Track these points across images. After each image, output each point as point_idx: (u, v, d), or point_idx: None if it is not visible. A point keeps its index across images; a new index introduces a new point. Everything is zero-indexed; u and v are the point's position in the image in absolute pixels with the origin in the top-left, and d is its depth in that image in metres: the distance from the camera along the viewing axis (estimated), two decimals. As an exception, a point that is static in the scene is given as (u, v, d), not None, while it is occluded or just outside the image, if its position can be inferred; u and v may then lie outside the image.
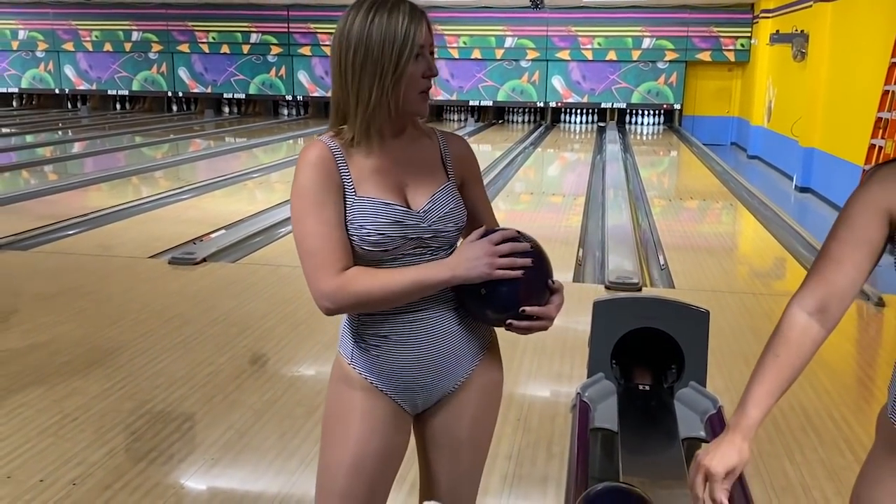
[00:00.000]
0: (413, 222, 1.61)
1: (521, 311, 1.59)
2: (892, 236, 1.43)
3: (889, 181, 1.43)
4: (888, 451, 1.47)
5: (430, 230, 1.63)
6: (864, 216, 1.44)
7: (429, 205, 1.64)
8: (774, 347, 1.46)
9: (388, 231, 1.59)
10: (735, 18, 16.11)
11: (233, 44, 18.62)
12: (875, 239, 1.43)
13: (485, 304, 1.62)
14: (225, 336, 4.39)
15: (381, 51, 1.55)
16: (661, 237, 7.10)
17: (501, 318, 1.63)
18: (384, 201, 1.60)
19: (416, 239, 1.62)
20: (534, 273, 1.61)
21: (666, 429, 2.43)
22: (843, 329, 4.73)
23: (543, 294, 1.63)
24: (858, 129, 8.13)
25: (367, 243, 1.59)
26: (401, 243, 1.60)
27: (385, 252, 1.60)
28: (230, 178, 10.20)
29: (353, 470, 1.67)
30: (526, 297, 1.60)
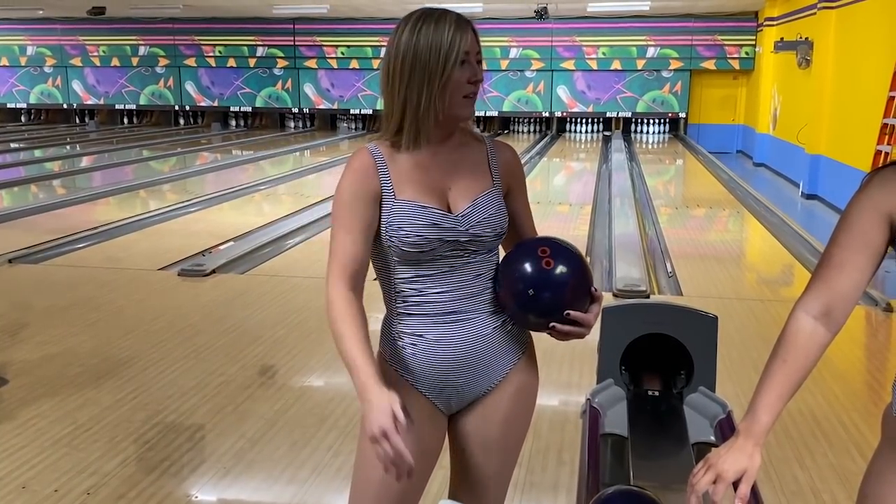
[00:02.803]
0: (450, 225, 1.66)
1: (565, 314, 1.65)
2: (894, 239, 1.44)
3: (888, 184, 1.45)
4: (892, 449, 1.48)
5: (467, 234, 1.67)
6: (865, 220, 1.46)
7: (469, 209, 1.69)
8: (781, 353, 1.48)
9: (424, 233, 1.64)
10: (739, 26, 16.14)
11: (239, 57, 18.73)
12: (876, 242, 1.45)
13: (529, 306, 1.67)
14: (235, 346, 4.42)
15: (428, 57, 1.63)
16: (668, 245, 7.11)
17: (544, 322, 1.68)
18: (422, 204, 1.66)
19: (452, 242, 1.67)
20: (579, 278, 1.68)
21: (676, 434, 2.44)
22: (851, 335, 4.75)
23: (586, 300, 1.69)
24: (864, 136, 8.14)
25: (404, 244, 1.65)
26: (437, 245, 1.66)
27: (422, 253, 1.66)
28: (238, 191, 10.25)
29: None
30: (571, 300, 1.67)
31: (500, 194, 1.75)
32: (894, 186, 1.43)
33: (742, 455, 1.42)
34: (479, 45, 1.70)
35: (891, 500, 1.46)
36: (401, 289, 1.71)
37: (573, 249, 1.73)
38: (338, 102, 18.51)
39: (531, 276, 1.68)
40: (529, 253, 1.71)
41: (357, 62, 17.95)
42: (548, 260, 1.67)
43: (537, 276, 1.67)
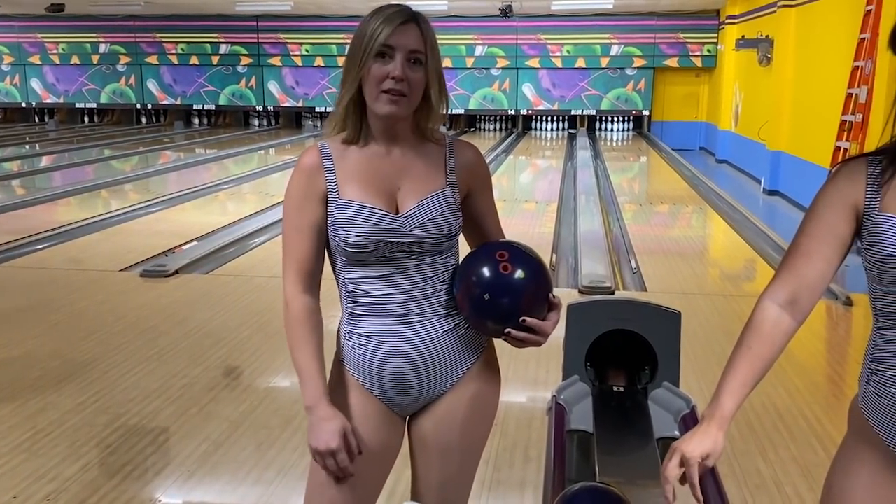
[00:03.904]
0: (392, 226, 1.63)
1: (521, 320, 1.62)
2: (860, 230, 1.46)
3: (855, 176, 1.47)
4: (859, 441, 1.50)
5: (410, 235, 1.64)
6: (832, 211, 1.47)
7: (414, 209, 1.65)
8: (747, 339, 1.49)
9: (364, 233, 1.62)
10: (701, 25, 16.32)
11: (202, 55, 18.52)
12: (843, 233, 1.47)
13: (484, 310, 1.65)
14: (199, 348, 4.36)
15: (354, 47, 1.62)
16: (632, 241, 7.17)
17: (500, 328, 1.65)
18: (363, 204, 1.63)
19: (396, 243, 1.64)
20: (536, 285, 1.65)
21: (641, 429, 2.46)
22: (812, 328, 4.82)
23: (543, 307, 1.66)
24: (824, 132, 8.27)
25: (347, 245, 1.63)
26: (379, 246, 1.63)
27: (366, 254, 1.63)
28: (201, 190, 10.15)
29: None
30: (527, 307, 1.63)
31: (454, 195, 1.71)
32: (861, 178, 1.46)
33: (706, 438, 1.43)
34: (424, 44, 1.62)
35: (856, 492, 1.48)
36: (350, 289, 1.69)
37: (533, 255, 1.69)
38: (303, 100, 18.40)
39: (487, 281, 1.65)
40: (487, 257, 1.68)
41: (322, 60, 17.84)
42: (505, 265, 1.64)
43: (493, 280, 1.64)
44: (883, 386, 1.44)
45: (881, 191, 1.43)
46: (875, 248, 1.41)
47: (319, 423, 1.61)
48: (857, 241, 1.48)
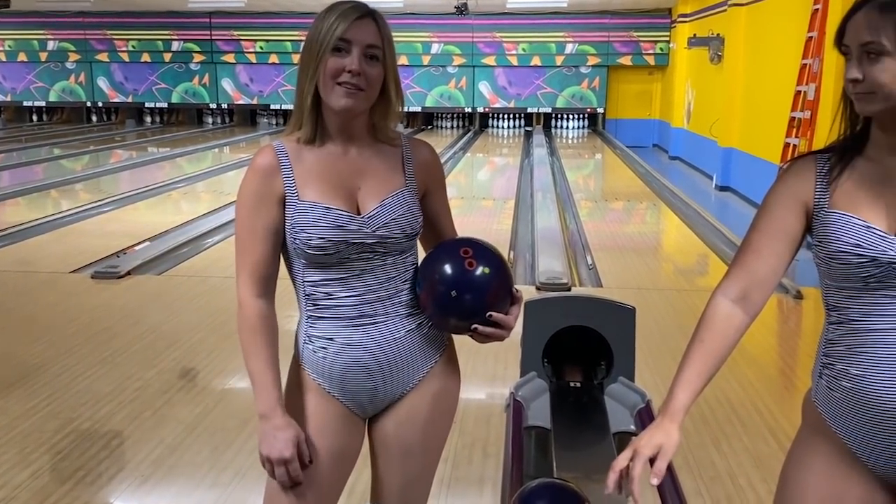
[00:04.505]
0: (356, 227, 1.62)
1: (487, 316, 1.63)
2: (810, 227, 1.49)
3: (804, 174, 1.50)
4: (813, 434, 1.53)
5: (374, 236, 1.63)
6: (782, 208, 1.50)
7: (377, 209, 1.64)
8: (700, 334, 1.51)
9: (328, 235, 1.60)
10: (654, 23, 16.52)
11: (154, 52, 18.23)
12: (793, 229, 1.50)
13: (451, 308, 1.65)
14: (153, 350, 4.30)
15: (309, 43, 1.60)
16: (588, 238, 7.23)
17: (465, 325, 1.65)
18: (325, 205, 1.61)
19: (359, 244, 1.62)
20: (501, 280, 1.66)
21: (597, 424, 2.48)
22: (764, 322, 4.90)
23: (507, 301, 1.68)
24: (774, 129, 8.43)
25: (308, 247, 1.61)
26: (343, 247, 1.61)
27: (328, 256, 1.62)
28: (154, 189, 9.99)
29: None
30: (493, 302, 1.64)
31: (414, 194, 1.71)
32: (810, 176, 1.48)
33: (659, 431, 1.44)
34: (381, 40, 1.61)
35: (811, 484, 1.51)
36: (310, 292, 1.67)
37: (495, 250, 1.71)
38: (257, 98, 18.21)
39: (454, 278, 1.65)
40: (451, 254, 1.68)
41: (277, 57, 17.67)
42: (470, 261, 1.65)
43: (460, 277, 1.65)
44: (835, 379, 1.47)
45: (830, 188, 1.46)
46: (825, 245, 1.44)
47: (274, 431, 1.60)
48: (808, 237, 1.51)
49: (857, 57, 1.37)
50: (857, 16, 1.37)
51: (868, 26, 1.34)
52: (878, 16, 1.34)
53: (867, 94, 1.37)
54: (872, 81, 1.35)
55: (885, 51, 1.33)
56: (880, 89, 1.35)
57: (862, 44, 1.35)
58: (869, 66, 1.35)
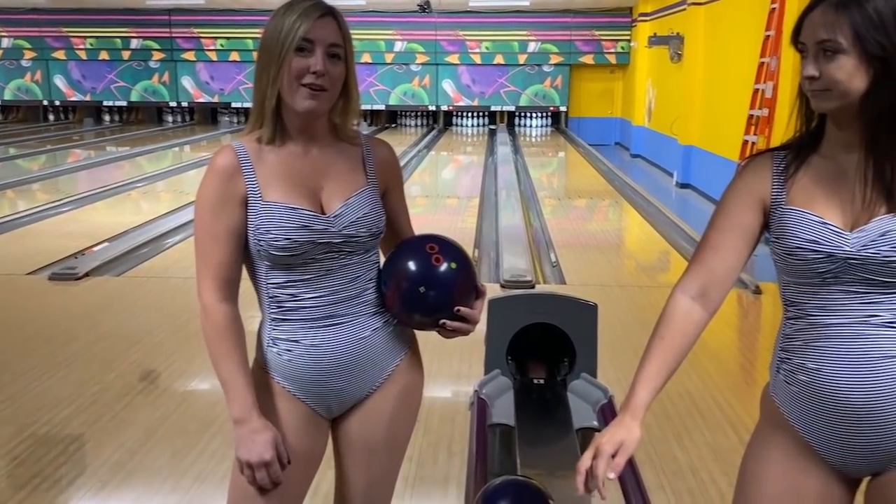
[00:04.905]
0: (322, 226, 1.61)
1: (455, 310, 1.63)
2: (767, 224, 1.51)
3: (761, 171, 1.52)
4: (771, 427, 1.55)
5: (340, 235, 1.62)
6: (739, 205, 1.52)
7: (342, 208, 1.63)
8: (660, 331, 1.52)
9: (294, 236, 1.58)
10: (615, 22, 16.65)
11: (112, 49, 17.95)
12: (750, 226, 1.51)
13: (418, 304, 1.65)
14: (112, 353, 4.23)
15: (270, 43, 1.57)
16: (552, 235, 7.27)
17: (432, 321, 1.66)
18: (289, 206, 1.60)
19: (325, 244, 1.61)
20: (467, 274, 1.67)
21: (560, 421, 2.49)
22: (724, 317, 4.97)
23: (472, 296, 1.69)
24: (732, 127, 8.55)
25: (273, 248, 1.59)
26: (309, 248, 1.60)
27: (294, 257, 1.60)
28: (113, 189, 9.84)
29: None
30: (460, 297, 1.65)
31: (375, 193, 1.70)
32: (767, 173, 1.50)
33: (620, 428, 1.45)
34: (343, 39, 1.60)
35: (769, 477, 1.52)
36: (274, 294, 1.65)
37: (458, 246, 1.71)
38: (218, 95, 18.02)
39: (422, 274, 1.65)
40: (417, 250, 1.68)
41: (238, 54, 17.49)
42: (437, 256, 1.65)
43: (428, 273, 1.65)
44: (792, 374, 1.49)
45: (786, 185, 1.48)
46: (782, 241, 1.46)
47: (251, 435, 1.58)
48: (766, 233, 1.53)
49: (813, 54, 1.38)
50: (813, 14, 1.39)
51: (824, 24, 1.36)
52: (833, 14, 1.35)
53: (823, 91, 1.38)
54: (828, 79, 1.37)
55: (841, 48, 1.35)
56: (836, 86, 1.37)
57: (818, 41, 1.37)
58: (825, 63, 1.37)
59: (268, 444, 1.58)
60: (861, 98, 1.37)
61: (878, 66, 1.35)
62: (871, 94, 1.36)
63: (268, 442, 1.58)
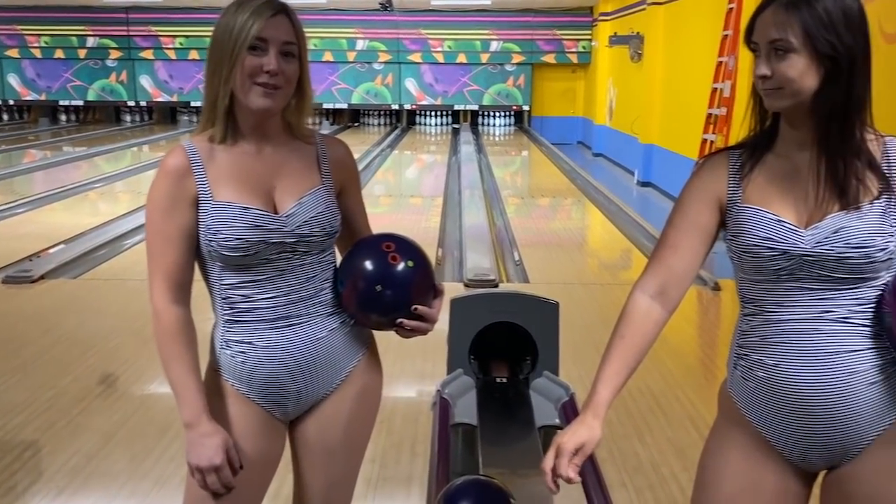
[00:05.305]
0: (274, 226, 1.58)
1: (413, 309, 1.62)
2: (724, 222, 1.52)
3: (716, 170, 1.53)
4: (729, 423, 1.56)
5: (293, 235, 1.60)
6: (696, 204, 1.53)
7: (294, 208, 1.61)
8: (620, 329, 1.53)
9: (245, 236, 1.56)
10: (576, 21, 16.75)
11: (68, 48, 17.62)
12: (707, 225, 1.52)
13: (375, 303, 1.63)
14: (68, 357, 4.14)
15: (221, 41, 1.55)
16: (515, 234, 7.29)
17: (389, 320, 1.65)
18: (241, 205, 1.57)
19: (278, 244, 1.59)
20: (424, 273, 1.66)
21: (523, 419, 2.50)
22: (684, 314, 5.02)
23: (430, 294, 1.68)
24: (692, 125, 8.65)
25: (225, 249, 1.56)
26: (261, 248, 1.58)
27: (246, 257, 1.58)
28: (70, 190, 9.67)
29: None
30: (417, 296, 1.64)
31: (330, 192, 1.68)
32: (723, 172, 1.51)
33: (581, 427, 1.45)
34: (296, 36, 1.58)
35: (727, 473, 1.54)
36: (227, 295, 1.62)
37: (416, 244, 1.71)
38: (177, 95, 17.79)
39: (378, 273, 1.64)
40: (373, 249, 1.67)
41: (197, 53, 17.27)
42: (394, 255, 1.64)
43: (384, 272, 1.64)
44: (749, 370, 1.50)
45: (742, 183, 1.49)
46: (738, 239, 1.47)
47: (201, 439, 1.56)
48: (723, 231, 1.54)
49: (765, 54, 1.40)
50: (764, 14, 1.41)
51: (775, 24, 1.38)
52: (784, 13, 1.37)
53: (776, 89, 1.40)
54: (781, 77, 1.38)
55: (792, 47, 1.37)
56: (788, 85, 1.38)
57: (770, 41, 1.39)
58: (777, 62, 1.38)
59: (218, 448, 1.55)
60: (813, 96, 1.39)
61: (829, 65, 1.37)
62: (822, 92, 1.38)
63: (218, 446, 1.55)
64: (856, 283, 1.41)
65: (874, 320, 1.41)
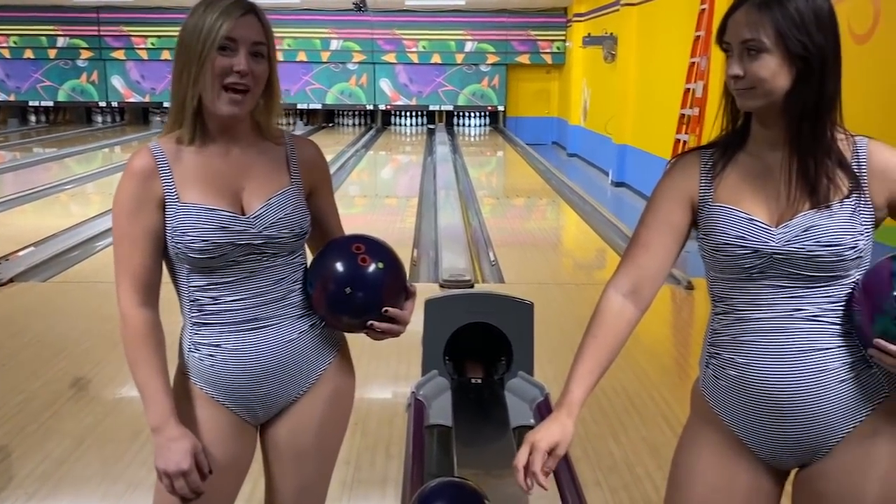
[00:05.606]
0: (241, 228, 1.57)
1: (384, 311, 1.61)
2: (696, 221, 1.53)
3: (688, 169, 1.54)
4: (701, 422, 1.57)
5: (261, 236, 1.58)
6: (668, 203, 1.54)
7: (262, 209, 1.59)
8: (592, 329, 1.53)
9: (212, 237, 1.55)
10: (550, 22, 16.81)
11: (37, 48, 17.38)
12: (679, 224, 1.53)
13: (345, 305, 1.62)
14: (38, 360, 4.09)
15: (189, 41, 1.53)
16: (490, 235, 7.30)
17: (359, 322, 1.63)
18: (207, 206, 1.56)
19: (246, 245, 1.57)
20: (394, 274, 1.65)
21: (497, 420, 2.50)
22: (658, 313, 5.05)
23: (401, 296, 1.66)
24: (665, 126, 8.71)
25: (192, 251, 1.55)
26: (229, 250, 1.56)
27: (213, 259, 1.56)
28: (40, 191, 9.53)
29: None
30: (388, 297, 1.63)
31: (300, 193, 1.67)
32: (694, 171, 1.52)
33: (555, 425, 1.45)
34: (265, 36, 1.57)
35: (700, 471, 1.54)
36: (195, 297, 1.61)
37: (387, 245, 1.69)
38: (149, 95, 17.62)
39: (347, 275, 1.62)
40: (343, 251, 1.65)
41: (169, 53, 17.04)
42: (363, 256, 1.63)
43: (354, 273, 1.62)
44: (721, 368, 1.51)
45: (714, 182, 1.50)
46: (710, 237, 1.48)
47: (168, 443, 1.54)
48: (695, 230, 1.55)
49: (738, 54, 1.41)
50: (736, 14, 1.41)
51: (748, 24, 1.38)
52: (757, 13, 1.38)
53: (748, 89, 1.40)
54: (753, 77, 1.39)
55: (765, 47, 1.37)
56: (761, 85, 1.39)
57: (742, 41, 1.39)
58: (749, 62, 1.39)
59: (185, 452, 1.53)
60: (785, 96, 1.40)
61: (801, 65, 1.38)
62: (794, 92, 1.39)
63: (185, 450, 1.54)
64: (826, 281, 1.42)
65: (844, 319, 1.43)
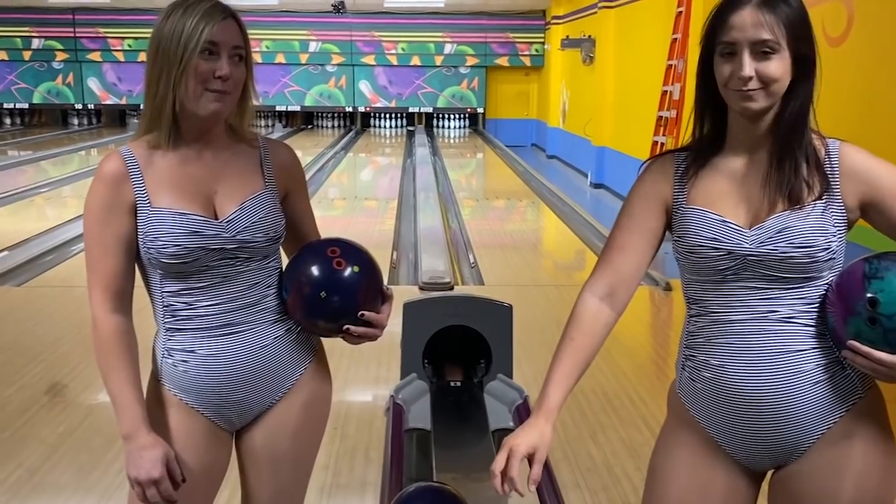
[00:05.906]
0: (214, 232, 1.55)
1: (359, 315, 1.59)
2: (670, 223, 1.53)
3: (663, 172, 1.54)
4: (678, 424, 1.57)
5: (234, 241, 1.57)
6: (643, 206, 1.54)
7: (235, 213, 1.58)
8: (569, 332, 1.53)
9: (184, 242, 1.53)
10: (529, 25, 16.86)
11: (12, 50, 17.19)
12: (654, 226, 1.53)
13: (321, 310, 1.60)
14: (11, 366, 4.03)
15: (168, 44, 1.52)
16: (470, 237, 7.31)
17: (336, 327, 1.62)
18: (179, 211, 1.54)
19: (218, 250, 1.56)
20: (371, 278, 1.63)
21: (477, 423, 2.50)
22: (636, 314, 5.07)
23: (378, 300, 1.65)
24: (643, 128, 8.75)
25: (164, 256, 1.53)
26: (201, 255, 1.55)
27: (186, 264, 1.54)
28: (15, 195, 9.43)
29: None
30: (364, 301, 1.61)
31: (274, 196, 1.65)
32: (668, 174, 1.53)
33: (533, 430, 1.44)
34: (243, 40, 1.56)
35: (676, 473, 1.55)
36: (168, 303, 1.59)
37: (362, 249, 1.68)
38: (126, 97, 17.48)
39: (323, 279, 1.61)
40: (318, 254, 1.64)
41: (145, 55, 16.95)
42: (339, 260, 1.61)
43: (329, 277, 1.61)
44: (696, 370, 1.51)
45: (687, 185, 1.51)
46: (684, 240, 1.48)
47: (139, 451, 1.52)
48: (670, 232, 1.55)
49: (750, 54, 1.38)
50: (742, 13, 1.38)
51: (764, 24, 1.36)
52: (770, 14, 1.36)
53: (758, 90, 1.38)
54: (766, 78, 1.37)
55: (780, 48, 1.37)
56: (773, 85, 1.38)
57: (757, 41, 1.37)
58: (760, 62, 1.37)
59: (156, 460, 1.52)
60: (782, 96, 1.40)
61: (800, 66, 1.39)
62: (791, 92, 1.40)
63: (156, 459, 1.52)
64: (800, 282, 1.43)
65: (818, 320, 1.43)
